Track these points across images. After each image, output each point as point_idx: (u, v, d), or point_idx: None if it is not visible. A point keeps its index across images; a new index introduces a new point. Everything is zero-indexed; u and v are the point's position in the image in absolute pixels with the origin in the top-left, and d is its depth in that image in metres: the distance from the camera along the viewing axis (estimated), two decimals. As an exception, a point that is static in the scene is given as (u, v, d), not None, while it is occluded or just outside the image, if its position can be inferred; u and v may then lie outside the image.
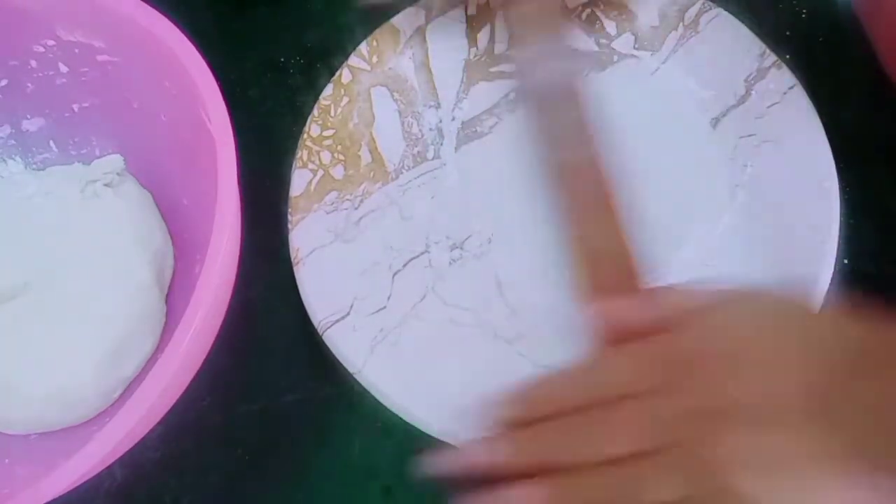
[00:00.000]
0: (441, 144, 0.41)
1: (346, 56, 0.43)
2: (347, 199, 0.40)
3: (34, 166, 0.42)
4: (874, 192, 0.39)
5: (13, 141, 0.42)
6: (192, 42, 0.33)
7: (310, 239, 0.39)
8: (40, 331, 0.36)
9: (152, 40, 0.33)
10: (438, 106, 0.42)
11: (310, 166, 0.41)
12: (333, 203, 0.40)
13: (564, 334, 0.36)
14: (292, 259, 0.39)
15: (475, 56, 0.43)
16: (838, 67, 0.42)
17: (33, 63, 0.39)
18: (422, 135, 0.41)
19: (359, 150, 0.41)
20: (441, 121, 0.42)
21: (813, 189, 0.37)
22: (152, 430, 0.32)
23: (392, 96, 0.42)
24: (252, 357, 0.39)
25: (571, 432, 0.27)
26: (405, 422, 0.35)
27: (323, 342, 0.37)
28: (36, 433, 0.36)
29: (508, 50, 0.42)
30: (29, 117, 0.41)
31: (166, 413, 0.32)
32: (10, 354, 0.36)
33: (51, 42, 0.38)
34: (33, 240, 0.38)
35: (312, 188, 0.40)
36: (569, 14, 0.42)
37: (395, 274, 0.38)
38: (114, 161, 0.40)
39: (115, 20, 0.34)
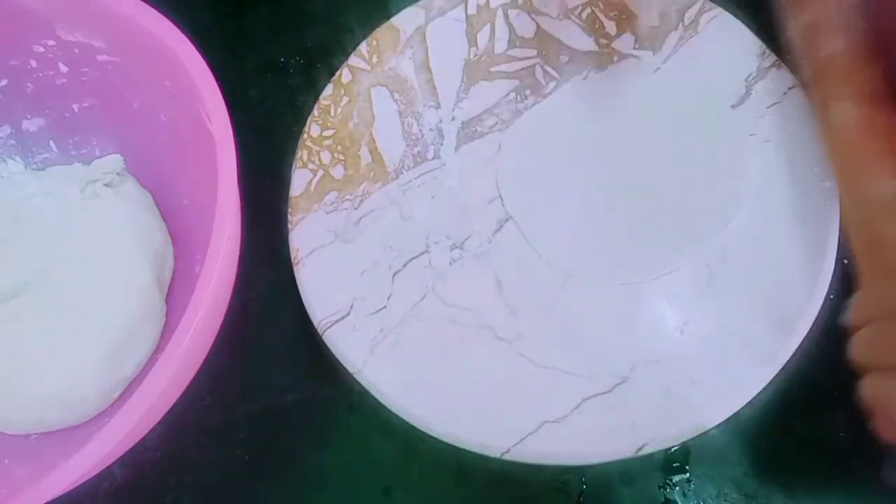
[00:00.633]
0: (441, 144, 0.41)
1: (346, 56, 0.43)
2: (347, 199, 0.40)
3: (34, 166, 0.42)
4: (874, 192, 0.39)
5: (13, 141, 0.42)
6: (192, 42, 0.33)
7: (310, 239, 0.39)
8: (40, 331, 0.36)
9: (152, 40, 0.33)
10: (438, 106, 0.42)
11: (310, 166, 0.41)
12: (333, 203, 0.40)
13: (564, 334, 0.36)
14: (292, 259, 0.39)
15: (475, 56, 0.43)
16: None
17: (33, 63, 0.39)
18: (422, 135, 0.41)
19: (359, 150, 0.41)
20: (441, 121, 0.42)
21: (813, 189, 0.37)
22: (152, 430, 0.32)
23: (392, 96, 0.42)
24: (252, 357, 0.38)
25: None
26: (405, 422, 0.35)
27: (323, 342, 0.37)
28: (36, 433, 0.36)
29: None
30: (29, 117, 0.41)
31: (166, 413, 0.32)
32: (10, 354, 0.36)
33: (51, 42, 0.38)
34: (33, 240, 0.38)
35: (312, 188, 0.40)
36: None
37: (395, 274, 0.38)
38: (114, 161, 0.40)
39: (115, 20, 0.34)
